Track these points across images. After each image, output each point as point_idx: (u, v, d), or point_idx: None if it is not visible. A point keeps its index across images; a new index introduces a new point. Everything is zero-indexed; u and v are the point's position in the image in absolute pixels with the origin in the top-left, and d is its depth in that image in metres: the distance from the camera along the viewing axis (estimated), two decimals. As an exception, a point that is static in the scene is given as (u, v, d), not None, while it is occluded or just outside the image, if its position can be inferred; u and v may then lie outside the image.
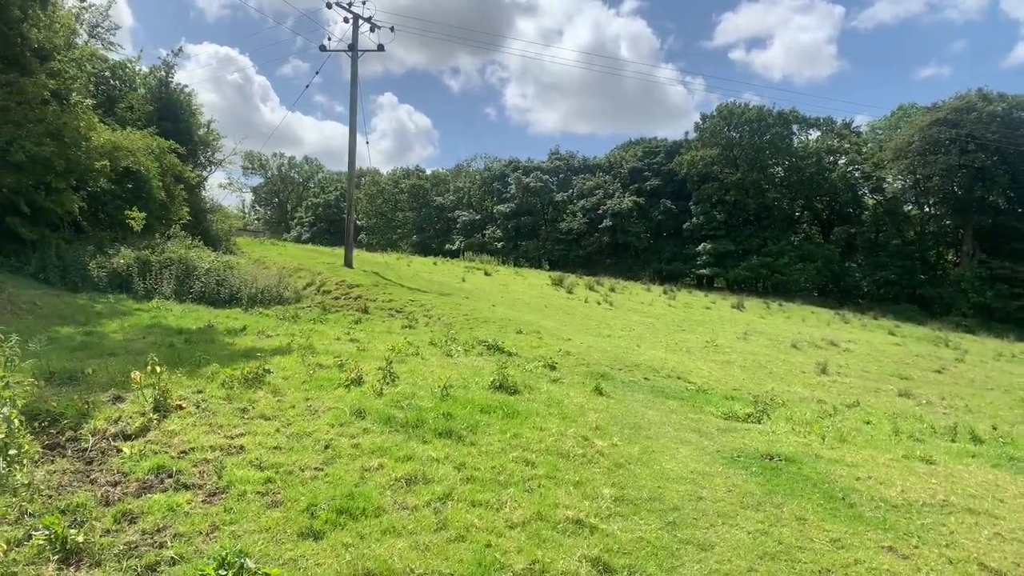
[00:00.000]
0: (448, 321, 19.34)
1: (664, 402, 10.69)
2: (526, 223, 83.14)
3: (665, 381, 13.37)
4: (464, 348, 13.98)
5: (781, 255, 65.45)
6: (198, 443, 6.00)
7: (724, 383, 14.49)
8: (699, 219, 70.98)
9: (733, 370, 17.27)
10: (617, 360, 14.79)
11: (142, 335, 12.63)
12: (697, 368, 15.94)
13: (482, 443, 6.53)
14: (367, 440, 6.31)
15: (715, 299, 42.50)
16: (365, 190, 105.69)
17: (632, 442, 7.35)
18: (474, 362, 12.44)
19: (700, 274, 70.27)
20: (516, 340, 16.16)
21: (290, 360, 9.65)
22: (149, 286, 20.03)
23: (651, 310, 30.38)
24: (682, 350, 19.52)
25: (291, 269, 27.31)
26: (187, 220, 26.20)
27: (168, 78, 31.01)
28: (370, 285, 24.28)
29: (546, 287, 34.64)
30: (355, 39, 29.20)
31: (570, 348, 15.39)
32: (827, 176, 68.50)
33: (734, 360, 19.10)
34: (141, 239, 22.41)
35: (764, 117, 70.86)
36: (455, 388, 8.80)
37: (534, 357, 13.83)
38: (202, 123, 32.72)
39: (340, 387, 8.14)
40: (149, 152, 24.35)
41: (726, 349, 21.11)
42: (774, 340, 25.63)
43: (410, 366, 10.35)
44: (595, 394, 10.11)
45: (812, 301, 56.76)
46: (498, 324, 18.72)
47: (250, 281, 21.96)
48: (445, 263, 43.48)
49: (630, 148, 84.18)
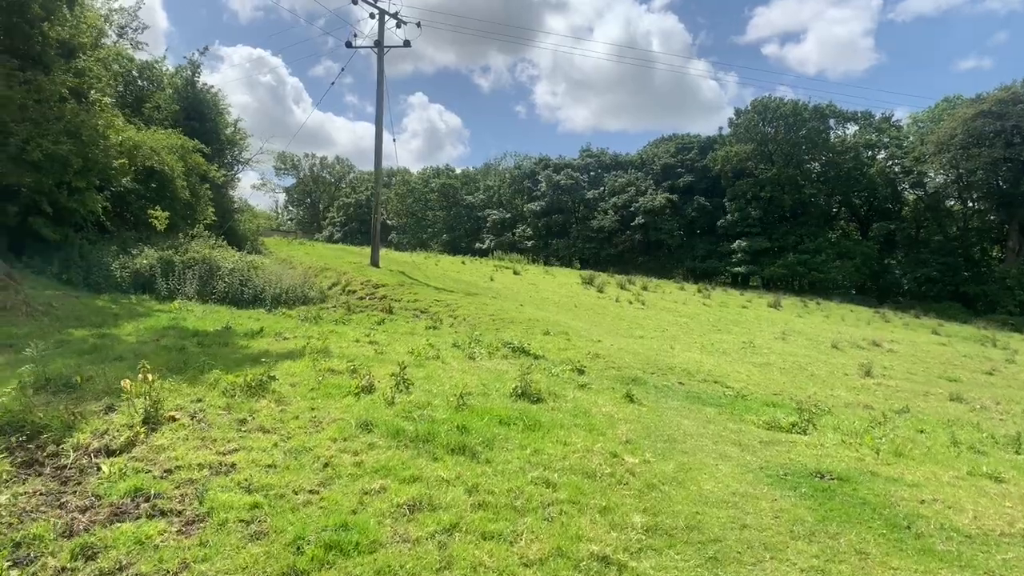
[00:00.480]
0: (473, 322, 18.76)
1: (701, 410, 9.97)
2: (556, 221, 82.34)
3: (701, 386, 12.62)
4: (488, 351, 13.37)
5: (818, 252, 63.96)
6: (185, 460, 5.45)
7: (764, 387, 13.69)
8: (734, 216, 69.63)
9: (772, 373, 16.43)
10: (649, 363, 14.08)
11: (156, 338, 12.21)
12: (735, 371, 15.15)
13: (498, 461, 5.89)
14: (371, 457, 5.71)
15: (751, 298, 41.40)
16: (395, 190, 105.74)
17: (666, 458, 6.66)
18: (497, 366, 11.82)
19: (735, 272, 68.91)
20: (543, 342, 15.51)
21: (300, 365, 9.11)
22: (172, 286, 19.75)
23: (685, 309, 29.51)
24: (718, 351, 18.70)
25: (317, 269, 26.97)
26: (213, 220, 25.97)
27: (194, 77, 30.85)
28: (395, 285, 23.79)
29: (576, 286, 33.90)
30: (381, 35, 28.76)
31: (600, 350, 14.70)
32: (865, 171, 66.74)
33: (773, 362, 18.25)
34: (165, 239, 22.17)
35: (800, 111, 69.32)
36: (474, 396, 8.18)
37: (561, 360, 13.18)
38: (229, 122, 32.55)
39: (349, 395, 7.56)
40: (173, 151, 24.13)
41: (764, 350, 20.23)
42: (814, 340, 24.66)
43: (428, 371, 9.75)
44: (626, 401, 9.42)
45: (850, 299, 55.23)
46: (525, 325, 18.09)
47: (274, 281, 21.61)
48: (473, 262, 42.93)
49: (662, 144, 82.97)
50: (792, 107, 69.61)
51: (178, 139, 24.85)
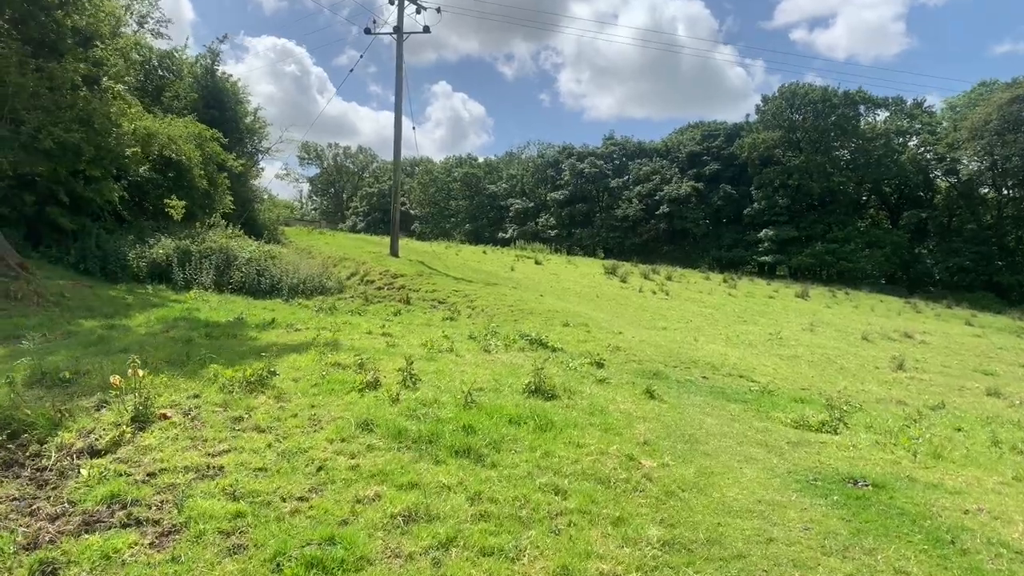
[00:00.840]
0: (492, 313, 18.37)
1: (725, 406, 9.50)
2: (580, 210, 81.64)
3: (726, 380, 12.14)
4: (504, 343, 12.98)
5: (847, 241, 62.83)
6: (171, 463, 5.12)
7: (792, 382, 13.16)
8: (760, 204, 68.57)
9: (800, 366, 15.87)
10: (672, 356, 13.60)
11: (166, 329, 11.97)
12: (761, 364, 14.62)
13: (505, 464, 5.49)
14: (369, 460, 5.34)
15: (778, 287, 40.60)
16: (418, 179, 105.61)
17: (687, 461, 6.22)
18: (513, 359, 11.43)
19: (761, 261, 67.95)
20: (562, 334, 15.09)
21: (306, 358, 8.77)
22: (189, 276, 19.60)
23: (710, 300, 28.91)
24: (744, 344, 18.16)
25: (336, 259, 26.74)
26: (232, 209, 25.80)
27: (214, 66, 30.69)
28: (414, 275, 23.47)
29: (599, 276, 33.37)
30: (400, 21, 28.37)
31: (620, 342, 14.24)
32: (896, 158, 65.32)
33: (801, 354, 17.67)
34: (183, 229, 22.02)
35: (829, 98, 67.99)
36: (485, 392, 7.79)
37: (580, 353, 12.75)
38: (249, 111, 32.38)
39: (353, 391, 7.20)
40: (191, 140, 23.95)
41: (791, 342, 19.64)
42: (843, 332, 23.98)
43: (440, 365, 9.38)
44: (645, 398, 8.98)
45: (880, 289, 54.09)
46: (544, 316, 17.68)
47: (291, 271, 21.39)
48: (495, 252, 42.51)
49: (688, 132, 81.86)
50: (821, 93, 68.31)
51: (196, 128, 24.68)
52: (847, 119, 67.43)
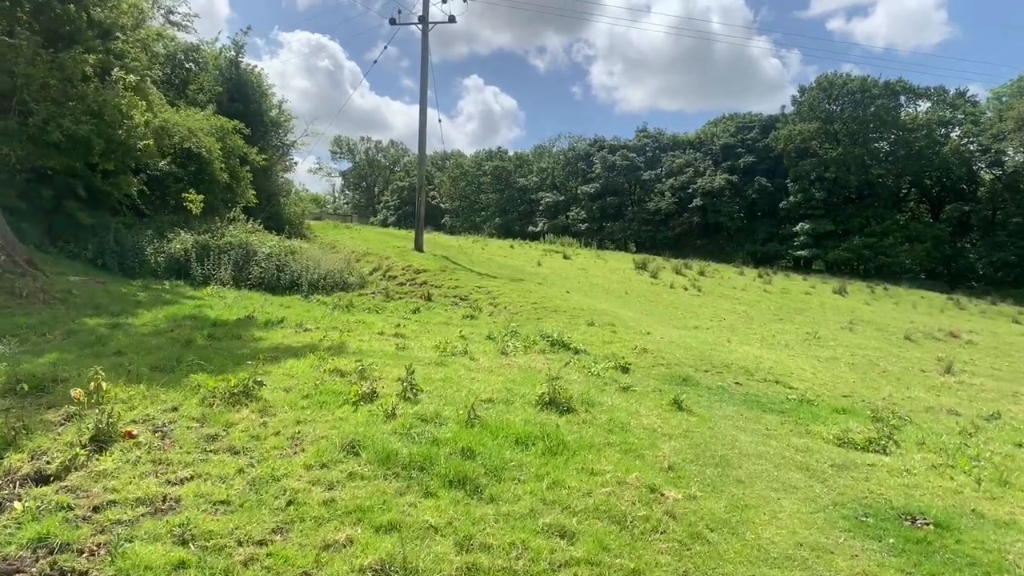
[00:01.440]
0: (515, 310, 17.66)
1: (760, 418, 8.69)
2: (611, 203, 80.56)
3: (761, 387, 11.29)
4: (524, 344, 12.26)
5: (886, 235, 61.21)
6: (123, 493, 4.49)
7: (832, 388, 12.26)
8: (796, 197, 67.09)
9: (840, 369, 14.92)
10: (703, 359, 12.77)
11: (171, 328, 11.44)
12: (798, 368, 13.71)
13: (505, 498, 4.78)
14: (347, 492, 4.65)
15: (814, 283, 39.32)
16: (449, 173, 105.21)
17: (717, 491, 5.44)
18: (532, 362, 10.71)
19: (797, 256, 66.49)
20: (587, 334, 14.33)
21: (304, 364, 8.14)
22: (207, 272, 19.18)
23: (744, 296, 27.89)
24: (780, 344, 17.23)
25: (360, 253, 26.22)
26: (254, 203, 25.38)
27: (238, 58, 30.32)
28: (437, 270, 22.84)
29: (629, 271, 32.47)
30: (426, 10, 27.69)
31: (648, 344, 13.44)
32: (938, 150, 63.43)
33: (840, 356, 16.70)
34: (204, 223, 21.63)
35: (868, 88, 66.17)
36: (494, 404, 7.09)
37: (604, 356, 11.99)
38: (273, 104, 31.99)
39: (346, 404, 6.54)
40: (212, 133, 23.56)
41: (830, 343, 18.66)
42: (884, 331, 22.87)
43: (449, 371, 8.69)
44: (672, 409, 8.20)
45: (920, 284, 52.40)
46: (569, 314, 16.91)
47: (312, 267, 20.86)
48: (522, 246, 41.74)
49: (722, 123, 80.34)
50: (860, 83, 66.52)
51: (217, 120, 24.28)
52: (887, 110, 65.62)
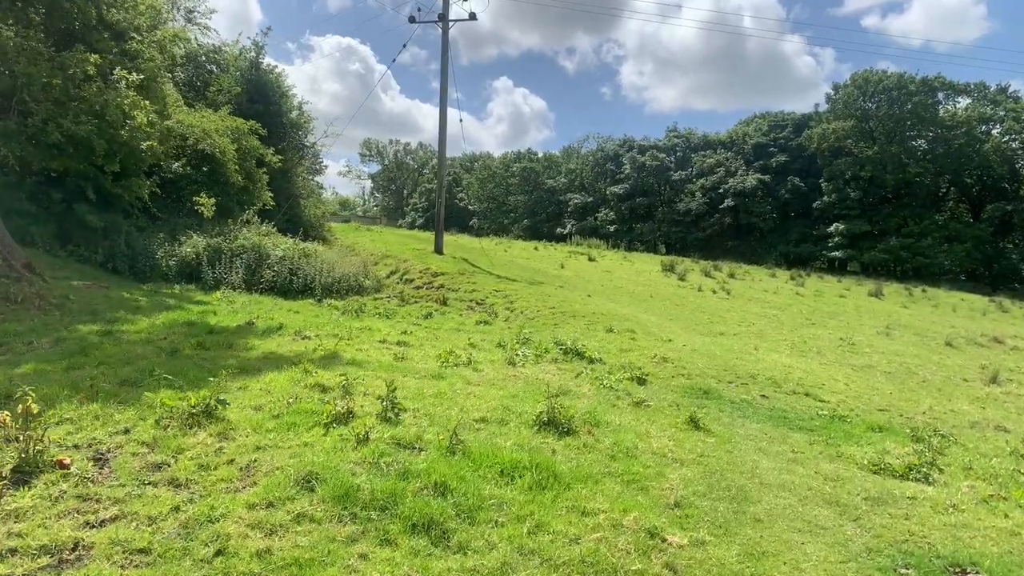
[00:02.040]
0: (531, 315, 16.94)
1: (786, 437, 7.87)
2: (641, 204, 79.49)
3: (789, 400, 10.43)
4: (535, 353, 11.55)
5: (924, 236, 59.52)
6: (29, 540, 3.86)
7: (867, 400, 11.35)
8: (830, 197, 65.53)
9: (876, 379, 13.97)
10: (728, 369, 11.94)
11: (163, 336, 10.92)
12: (830, 378, 12.80)
13: (476, 546, 4.05)
14: (290, 539, 3.96)
15: (849, 285, 38.01)
16: (477, 174, 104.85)
17: (730, 535, 4.67)
18: (541, 373, 9.99)
19: (831, 257, 64.99)
20: (604, 341, 13.56)
21: (284, 378, 7.50)
22: (219, 275, 18.76)
23: (775, 299, 26.84)
24: (811, 351, 16.28)
25: (378, 256, 25.73)
26: (271, 205, 24.98)
27: (258, 59, 30.02)
28: (455, 273, 22.20)
29: (655, 273, 31.58)
30: (446, 8, 27.09)
31: (669, 352, 12.63)
32: (979, 148, 61.57)
33: (876, 364, 15.71)
34: (218, 226, 21.25)
35: (905, 84, 64.41)
36: (487, 424, 6.39)
37: (621, 365, 11.23)
38: (294, 105, 31.64)
39: (317, 427, 5.86)
40: (227, 134, 23.18)
41: (865, 349, 17.65)
42: (923, 336, 21.74)
43: (445, 385, 8.00)
44: (688, 428, 7.42)
45: (960, 286, 50.66)
46: (588, 319, 16.15)
47: (326, 270, 20.35)
48: (547, 248, 40.99)
49: (754, 122, 78.89)
50: (896, 80, 64.78)
51: (233, 121, 23.91)
52: (925, 107, 63.88)
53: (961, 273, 60.69)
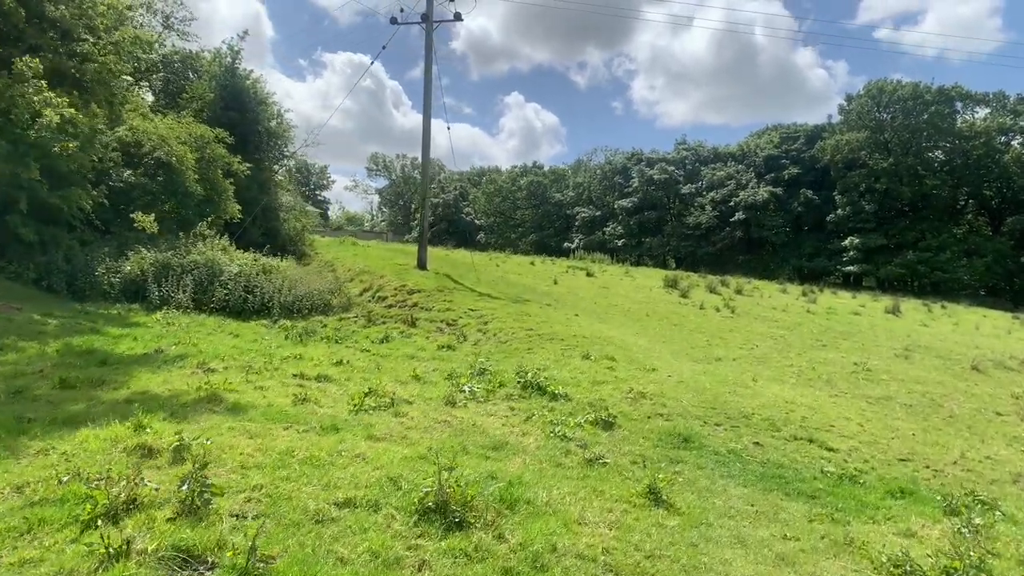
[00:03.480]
0: (504, 338, 15.03)
1: (778, 511, 5.94)
2: (649, 218, 77.57)
3: (788, 448, 8.47)
4: (487, 388, 9.67)
5: (942, 250, 57.35)
6: None
7: (885, 447, 9.35)
8: (845, 210, 63.41)
9: (895, 414, 11.95)
10: (717, 406, 9.98)
11: (41, 366, 9.14)
12: (841, 416, 10.80)
13: None
14: None
15: (864, 301, 35.80)
16: (483, 188, 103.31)
17: None
18: (482, 417, 8.11)
19: (846, 272, 62.84)
20: (576, 371, 11.63)
21: (102, 437, 5.65)
22: (165, 294, 17.00)
23: (784, 318, 24.76)
24: (820, 380, 14.27)
25: (355, 272, 23.92)
26: (238, 217, 23.25)
27: (234, 64, 28.42)
28: (433, 290, 20.34)
29: (656, 290, 29.58)
30: (430, 8, 25.42)
31: (649, 385, 10.70)
32: (998, 159, 59.58)
33: (894, 395, 13.67)
34: (178, 239, 19.55)
35: (921, 94, 62.42)
36: (351, 512, 4.52)
37: (589, 403, 9.33)
38: (273, 113, 30.01)
39: (74, 524, 4.02)
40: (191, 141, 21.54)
41: (882, 376, 15.60)
42: (946, 359, 19.61)
43: (335, 440, 6.14)
44: (646, 504, 5.50)
45: (980, 301, 48.33)
46: (566, 344, 14.21)
47: (287, 288, 18.56)
48: (545, 263, 39.07)
49: (765, 134, 76.92)
50: (912, 90, 62.79)
51: (197, 128, 22.26)
52: (942, 117, 61.87)
53: (981, 288, 58.50)
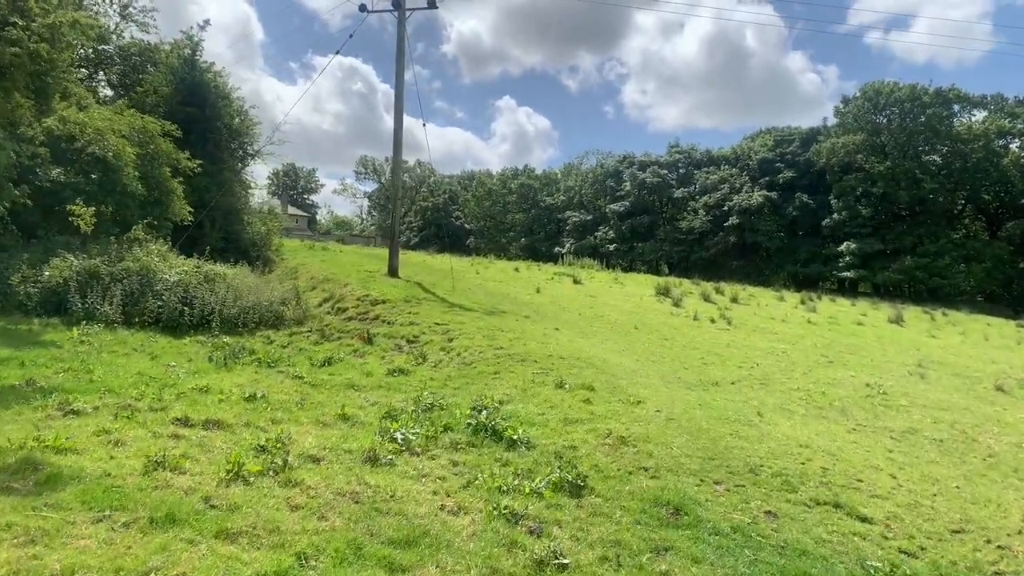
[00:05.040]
0: (469, 358, 13.02)
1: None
2: (642, 223, 75.79)
3: (809, 520, 6.50)
4: (429, 433, 7.68)
5: (940, 255, 55.91)
6: None
7: (929, 513, 7.37)
8: (840, 215, 61.86)
9: (926, 455, 10.00)
10: (715, 454, 8.00)
11: None
12: (867, 463, 8.81)
13: None
14: None
15: (865, 310, 33.95)
16: (473, 192, 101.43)
17: None
18: (405, 482, 6.14)
19: (842, 277, 61.36)
20: (546, 404, 9.64)
21: None
22: (91, 305, 14.97)
23: (784, 330, 22.83)
24: (833, 408, 12.30)
25: (319, 280, 21.93)
26: (188, 220, 21.21)
27: (194, 56, 26.41)
28: (399, 301, 18.34)
29: (647, 298, 27.63)
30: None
31: (633, 425, 8.72)
32: (997, 162, 58.27)
33: (920, 426, 11.72)
34: (116, 244, 17.51)
35: (918, 96, 60.99)
36: None
37: (555, 452, 7.37)
38: (237, 110, 27.97)
39: None
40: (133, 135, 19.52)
41: (900, 400, 13.66)
42: (963, 376, 17.73)
43: (160, 543, 4.17)
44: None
45: (979, 308, 46.72)
46: (539, 366, 12.21)
47: (232, 299, 16.57)
48: (530, 269, 37.04)
49: (759, 137, 75.32)
50: (909, 91, 61.33)
51: (140, 120, 20.23)
52: (939, 119, 60.53)
53: (978, 294, 57.06)
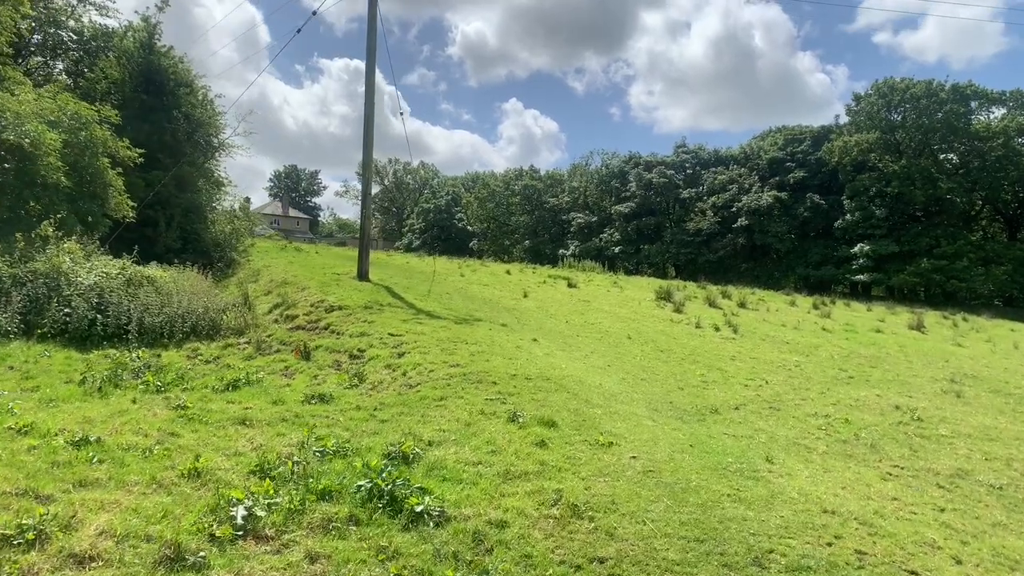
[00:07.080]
0: (416, 379, 10.67)
1: None
2: (648, 224, 73.38)
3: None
4: (294, 505, 5.37)
5: (958, 257, 53.48)
6: None
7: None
8: (854, 216, 59.42)
9: (988, 513, 7.62)
10: (705, 533, 5.64)
11: None
12: (917, 540, 6.38)
13: None
14: None
15: (882, 315, 31.41)
16: (476, 194, 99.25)
17: None
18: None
19: (855, 280, 58.88)
20: (490, 446, 7.29)
21: None
22: (-14, 314, 12.76)
23: (797, 338, 20.37)
24: (859, 443, 9.91)
25: (276, 284, 19.71)
26: (130, 216, 19.00)
27: (151, 40, 24.23)
28: (359, 307, 16.05)
29: (646, 303, 25.26)
30: (374, -32, 21.22)
31: (596, 482, 6.37)
32: (1017, 161, 55.88)
33: (969, 465, 9.34)
34: (12, 242, 15.27)
35: (935, 92, 58.59)
36: None
37: (473, 534, 5.13)
38: (199, 100, 25.76)
39: None
40: (62, 121, 17.31)
41: (940, 429, 11.26)
42: (1006, 395, 15.30)
43: None
44: None
45: (1001, 313, 44.15)
46: (497, 390, 9.84)
47: (156, 307, 14.34)
48: (524, 272, 34.65)
49: (769, 136, 72.85)
50: (925, 88, 58.91)
51: (72, 104, 18.02)
52: (956, 116, 58.16)
53: (996, 298, 54.58)
